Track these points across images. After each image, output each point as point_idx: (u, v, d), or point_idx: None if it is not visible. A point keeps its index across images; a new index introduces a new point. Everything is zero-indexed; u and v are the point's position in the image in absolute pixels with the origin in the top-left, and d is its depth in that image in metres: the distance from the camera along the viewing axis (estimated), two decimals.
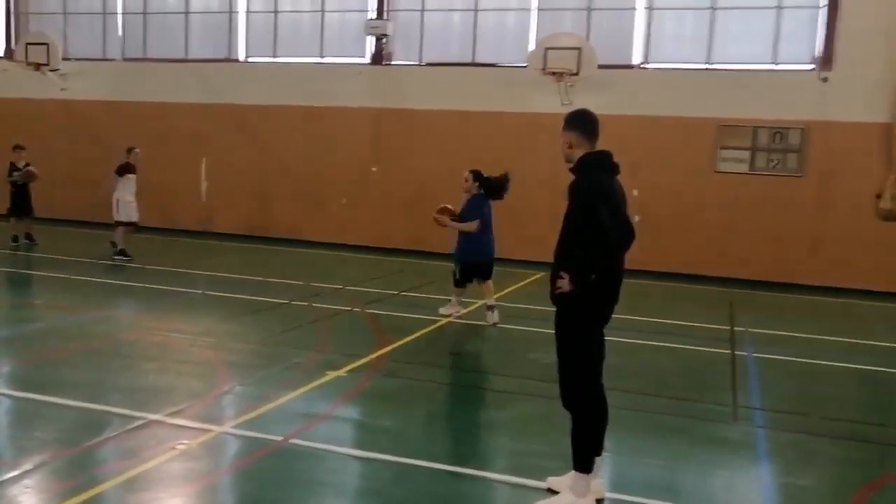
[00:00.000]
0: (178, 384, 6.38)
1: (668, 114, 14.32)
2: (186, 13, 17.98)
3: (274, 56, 17.31)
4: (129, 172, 12.95)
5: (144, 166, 17.69)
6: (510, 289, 11.74)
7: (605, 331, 4.47)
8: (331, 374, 6.65)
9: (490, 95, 15.36)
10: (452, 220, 9.34)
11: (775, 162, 14.00)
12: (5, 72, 18.49)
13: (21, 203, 13.96)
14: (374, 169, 16.23)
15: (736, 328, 9.73)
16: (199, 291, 10.48)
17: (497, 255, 9.53)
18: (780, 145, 13.96)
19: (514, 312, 9.95)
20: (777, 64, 14.18)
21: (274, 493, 4.44)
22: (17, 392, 6.07)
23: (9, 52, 18.97)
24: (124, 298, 9.98)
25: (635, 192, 13.42)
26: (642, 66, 15.00)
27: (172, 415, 5.46)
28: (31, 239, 14.00)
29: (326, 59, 16.85)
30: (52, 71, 17.63)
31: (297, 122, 16.62)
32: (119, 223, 12.82)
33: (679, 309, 11.26)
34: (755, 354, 8.40)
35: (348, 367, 6.91)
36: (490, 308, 9.18)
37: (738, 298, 12.17)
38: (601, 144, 4.50)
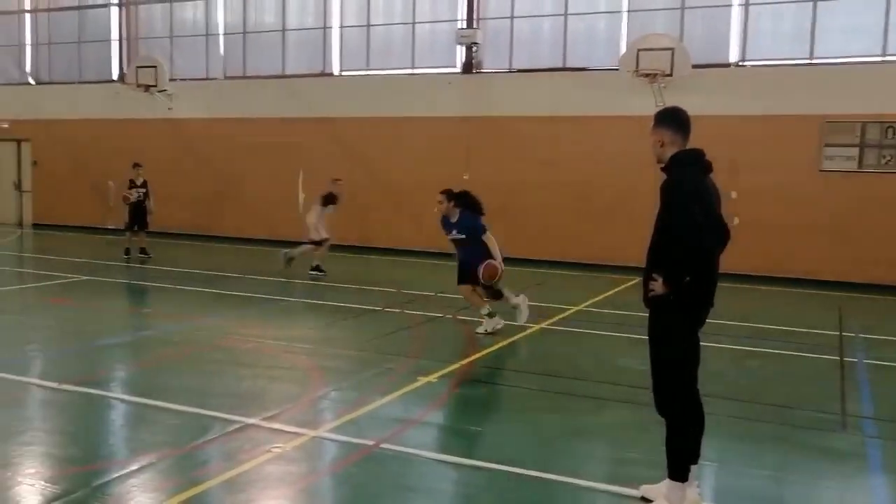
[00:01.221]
0: (273, 389, 6.55)
1: (767, 112, 13.82)
2: (283, 31, 18.56)
3: (366, 69, 17.65)
4: (332, 203, 13.15)
5: (245, 180, 18.34)
6: (603, 295, 11.55)
7: (703, 336, 4.31)
8: (422, 380, 6.69)
9: (581, 100, 15.21)
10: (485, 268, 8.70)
11: (887, 158, 13.29)
12: (118, 94, 19.51)
13: (138, 218, 14.64)
14: (465, 177, 16.27)
15: (845, 333, 9.26)
16: (296, 299, 10.76)
17: (587, 260, 9.40)
18: (892, 140, 13.24)
19: (608, 318, 9.76)
20: (886, 56, 13.48)
21: (366, 497, 4.49)
22: (127, 396, 6.35)
23: (121, 76, 20.01)
24: (225, 306, 10.33)
25: (734, 195, 13.04)
26: (739, 64, 14.55)
27: (268, 419, 5.60)
28: (145, 252, 14.63)
29: (417, 70, 17.06)
30: (159, 92, 18.50)
31: (389, 132, 16.88)
32: (313, 242, 13.06)
33: (783, 313, 10.81)
34: (866, 361, 7.97)
35: (439, 373, 6.93)
36: (490, 315, 8.78)
37: (846, 302, 11.58)
38: (694, 145, 4.37)
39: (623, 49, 14.95)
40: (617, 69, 14.68)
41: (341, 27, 17.98)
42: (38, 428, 5.69)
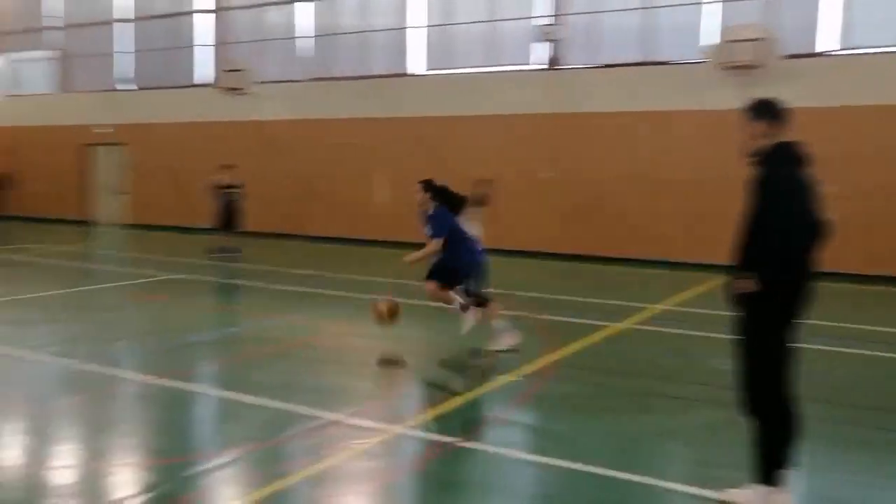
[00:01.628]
0: (358, 385, 6.65)
1: (867, 102, 13.21)
2: (365, 32, 18.82)
3: (447, 68, 17.72)
4: (476, 205, 12.67)
5: (328, 180, 18.70)
6: (687, 293, 11.28)
7: (795, 336, 4.15)
8: (504, 379, 6.68)
9: (665, 95, 14.89)
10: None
11: None
12: (208, 98, 20.17)
13: (230, 218, 15.09)
14: (545, 175, 16.17)
15: None
16: (378, 297, 10.87)
17: (671, 258, 9.17)
18: None
19: (693, 317, 9.53)
20: None
21: (448, 494, 4.51)
22: (216, 391, 6.57)
23: (212, 80, 20.69)
24: (307, 304, 10.55)
25: (831, 189, 12.50)
26: (834, 52, 13.96)
27: (353, 415, 5.69)
28: (235, 251, 15.06)
29: (498, 68, 17.02)
30: (247, 94, 19.04)
31: (470, 131, 16.90)
32: None
33: (883, 314, 10.32)
34: None
35: (521, 372, 6.90)
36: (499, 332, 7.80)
37: None
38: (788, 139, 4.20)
39: (710, 40, 14.55)
40: (703, 62, 14.31)
41: (424, 26, 18.11)
42: (132, 420, 5.94)
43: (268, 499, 4.32)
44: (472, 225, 12.04)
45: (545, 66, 16.39)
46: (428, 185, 8.16)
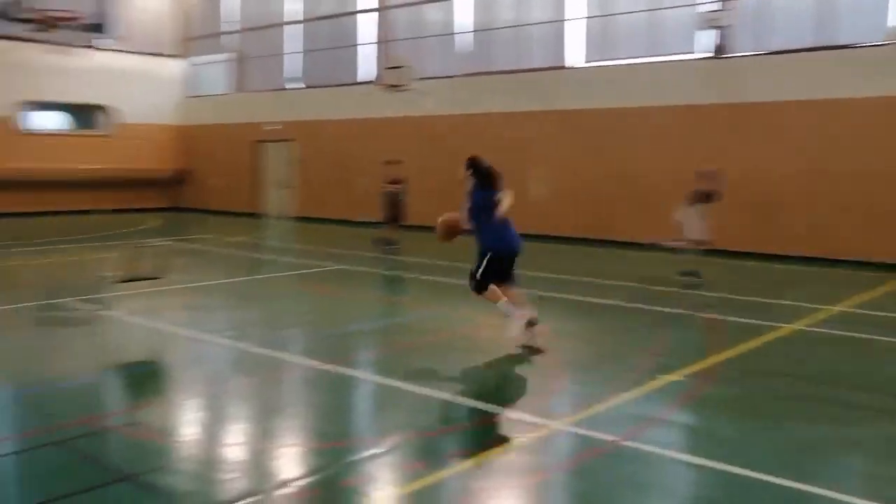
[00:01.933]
0: (516, 379, 6.65)
1: None
2: (522, 25, 18.77)
3: (606, 59, 17.36)
4: (703, 201, 11.61)
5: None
6: (868, 294, 10.47)
7: None
8: (665, 378, 6.46)
9: (845, 81, 13.86)
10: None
11: None
12: (370, 95, 20.83)
13: (393, 212, 15.51)
14: (710, 168, 15.47)
15: None
16: (537, 292, 10.84)
17: (851, 256, 8.51)
18: None
19: (874, 320, 8.83)
20: None
21: (606, 493, 4.41)
22: (379, 378, 6.74)
23: (375, 78, 21.36)
24: (465, 296, 10.63)
25: None
26: None
27: (512, 408, 5.68)
28: (394, 244, 15.45)
29: (659, 58, 16.48)
30: (407, 90, 19.47)
31: (629, 123, 16.48)
32: (689, 242, 11.72)
33: None
34: None
35: (684, 372, 6.65)
36: (531, 324, 7.38)
37: None
38: None
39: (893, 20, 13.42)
40: (890, 44, 13.21)
41: (584, 17, 17.83)
42: (299, 402, 6.23)
43: (427, 488, 4.39)
44: (693, 220, 11.54)
45: (710, 55, 15.69)
46: (470, 162, 7.96)
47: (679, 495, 4.52)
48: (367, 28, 22.09)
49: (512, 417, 5.54)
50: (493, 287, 7.56)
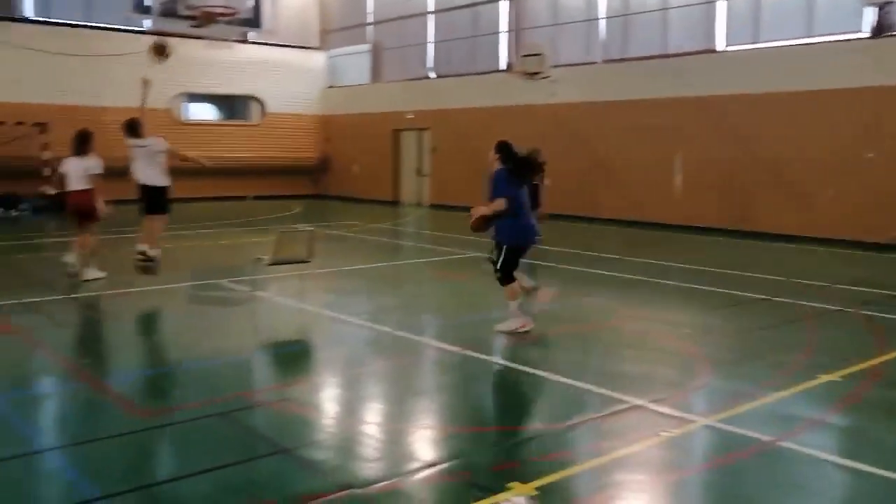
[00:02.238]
0: (658, 372, 6.49)
1: None
2: (665, 9, 18.21)
3: (755, 42, 16.59)
4: None
5: (622, 162, 18.42)
6: None
7: None
8: (822, 378, 6.13)
9: None
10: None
11: None
12: (505, 83, 20.82)
13: (535, 200, 15.32)
14: (869, 155, 14.52)
15: None
16: (676, 283, 10.55)
17: None
18: None
19: None
20: None
21: (758, 494, 4.23)
22: (515, 365, 6.74)
23: (508, 66, 21.33)
24: (602, 286, 10.49)
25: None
26: None
27: (655, 402, 5.56)
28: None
29: (815, 39, 15.57)
30: (543, 78, 19.31)
31: (780, 109, 15.69)
32: None
33: None
34: None
35: (842, 372, 6.28)
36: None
37: None
38: None
39: None
40: None
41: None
42: (436, 387, 6.33)
43: (564, 480, 4.36)
44: None
45: (869, 35, 14.68)
46: (499, 146, 7.82)
47: (836, 500, 4.29)
48: (501, 16, 22.05)
49: (656, 411, 5.41)
50: (515, 287, 7.62)
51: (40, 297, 9.17)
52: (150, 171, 9.59)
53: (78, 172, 9.73)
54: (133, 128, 9.68)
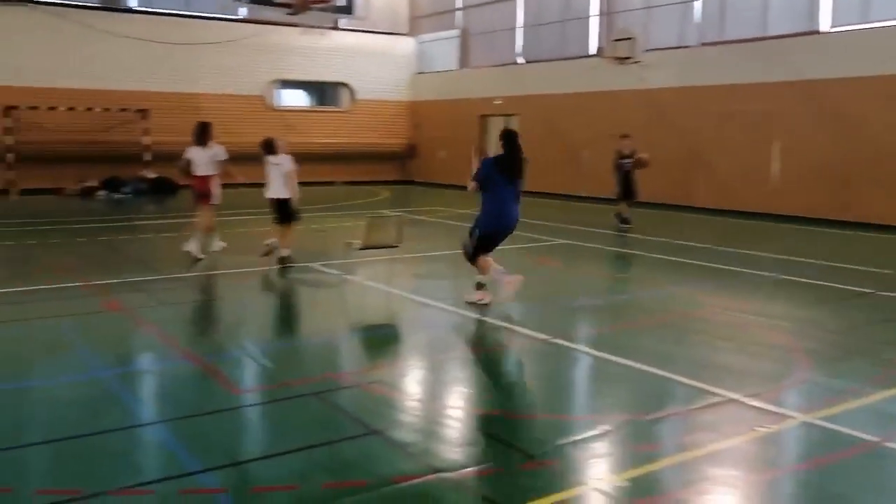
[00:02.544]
0: (753, 366, 6.29)
1: None
2: None
3: (864, 22, 15.80)
4: None
5: (717, 149, 17.87)
6: None
7: None
8: None
9: None
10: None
11: None
12: (595, 68, 20.49)
13: (628, 187, 15.10)
14: None
15: None
16: (772, 274, 10.19)
17: None
18: None
19: None
20: None
21: (861, 496, 4.06)
22: (597, 352, 6.62)
23: (599, 50, 20.97)
24: (694, 276, 10.23)
25: None
26: None
27: (751, 396, 5.39)
28: (626, 221, 15.05)
29: None
30: (634, 63, 18.90)
31: (891, 93, 14.91)
32: None
33: None
34: None
35: None
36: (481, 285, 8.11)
37: None
38: None
39: None
40: None
41: None
42: (522, 374, 6.33)
43: (652, 474, 4.27)
44: None
45: None
46: (503, 134, 8.12)
47: None
48: (591, 1, 21.67)
49: (752, 405, 5.25)
50: (485, 260, 8.11)
51: (143, 276, 9.58)
52: (278, 186, 10.22)
53: (203, 160, 10.60)
54: (270, 146, 10.27)
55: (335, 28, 25.21)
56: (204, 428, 4.87)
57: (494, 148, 8.44)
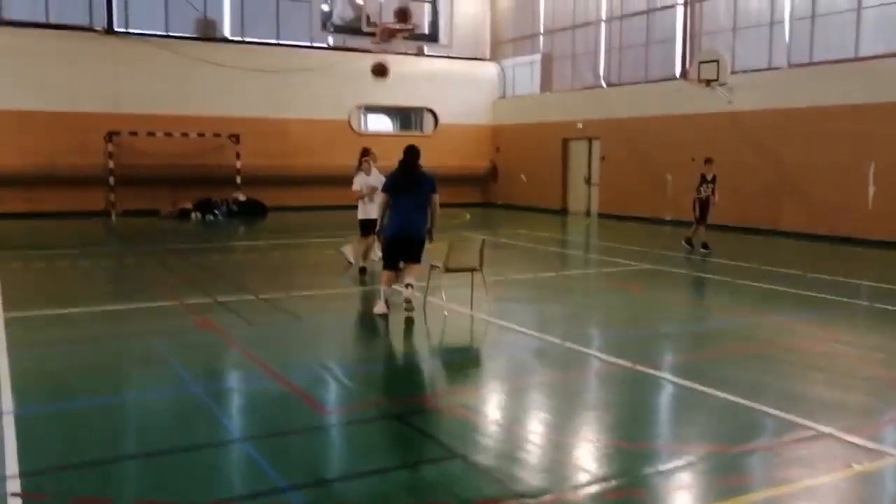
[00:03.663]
0: (848, 399, 6.05)
1: None
2: (858, 9, 17.00)
3: None
4: None
5: (807, 173, 17.37)
6: None
7: None
8: None
9: None
10: None
11: None
12: (679, 91, 20.20)
13: (703, 212, 14.83)
14: None
15: None
16: (865, 303, 9.80)
17: None
18: None
19: None
20: None
21: None
22: (681, 380, 6.47)
23: (683, 73, 20.68)
24: (782, 304, 9.91)
25: None
26: None
27: (846, 430, 5.19)
28: (706, 247, 14.69)
29: None
30: (720, 85, 18.55)
31: None
32: None
33: None
34: None
35: None
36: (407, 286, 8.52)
37: None
38: None
39: None
40: None
41: None
42: (602, 400, 6.22)
43: None
44: None
45: None
46: (406, 150, 8.89)
47: None
48: (676, 22, 21.41)
49: (847, 440, 5.05)
50: (387, 275, 8.68)
51: (235, 296, 9.91)
52: (371, 206, 11.17)
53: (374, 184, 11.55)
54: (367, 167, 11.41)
55: (419, 55, 25.63)
56: (290, 446, 5.00)
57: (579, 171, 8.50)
